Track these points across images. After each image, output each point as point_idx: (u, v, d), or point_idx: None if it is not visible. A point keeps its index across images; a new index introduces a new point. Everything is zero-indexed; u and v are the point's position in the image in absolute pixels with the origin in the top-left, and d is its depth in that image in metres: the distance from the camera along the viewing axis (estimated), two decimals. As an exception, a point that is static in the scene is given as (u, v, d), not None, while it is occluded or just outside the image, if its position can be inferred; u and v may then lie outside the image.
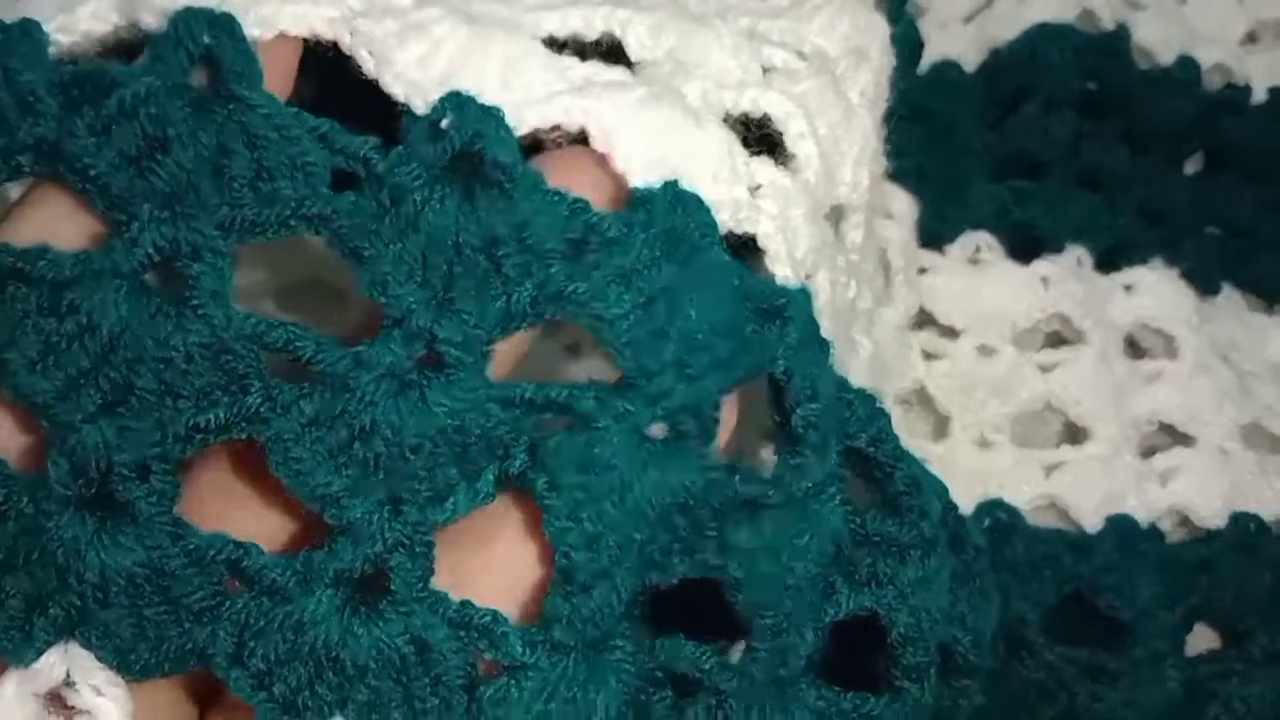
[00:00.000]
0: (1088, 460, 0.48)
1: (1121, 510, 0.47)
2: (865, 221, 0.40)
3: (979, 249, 0.52)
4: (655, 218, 0.31)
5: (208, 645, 0.28)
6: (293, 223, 0.30)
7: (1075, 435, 0.49)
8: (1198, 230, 0.54)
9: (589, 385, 0.30)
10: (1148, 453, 0.49)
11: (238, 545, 0.28)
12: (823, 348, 0.33)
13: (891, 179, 0.47)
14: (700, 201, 0.32)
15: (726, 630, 0.32)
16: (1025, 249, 0.52)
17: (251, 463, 0.29)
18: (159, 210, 0.29)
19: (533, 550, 0.30)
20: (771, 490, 0.31)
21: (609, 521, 0.29)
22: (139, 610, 0.28)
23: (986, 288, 0.51)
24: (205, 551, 0.28)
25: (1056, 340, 0.51)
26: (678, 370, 0.30)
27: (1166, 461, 0.48)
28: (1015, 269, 0.52)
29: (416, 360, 0.29)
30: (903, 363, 0.50)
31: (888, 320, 0.48)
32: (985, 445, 0.49)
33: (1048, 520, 0.47)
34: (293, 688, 0.28)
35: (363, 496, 0.29)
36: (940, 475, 0.36)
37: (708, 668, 0.31)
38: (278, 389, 0.29)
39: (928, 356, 0.51)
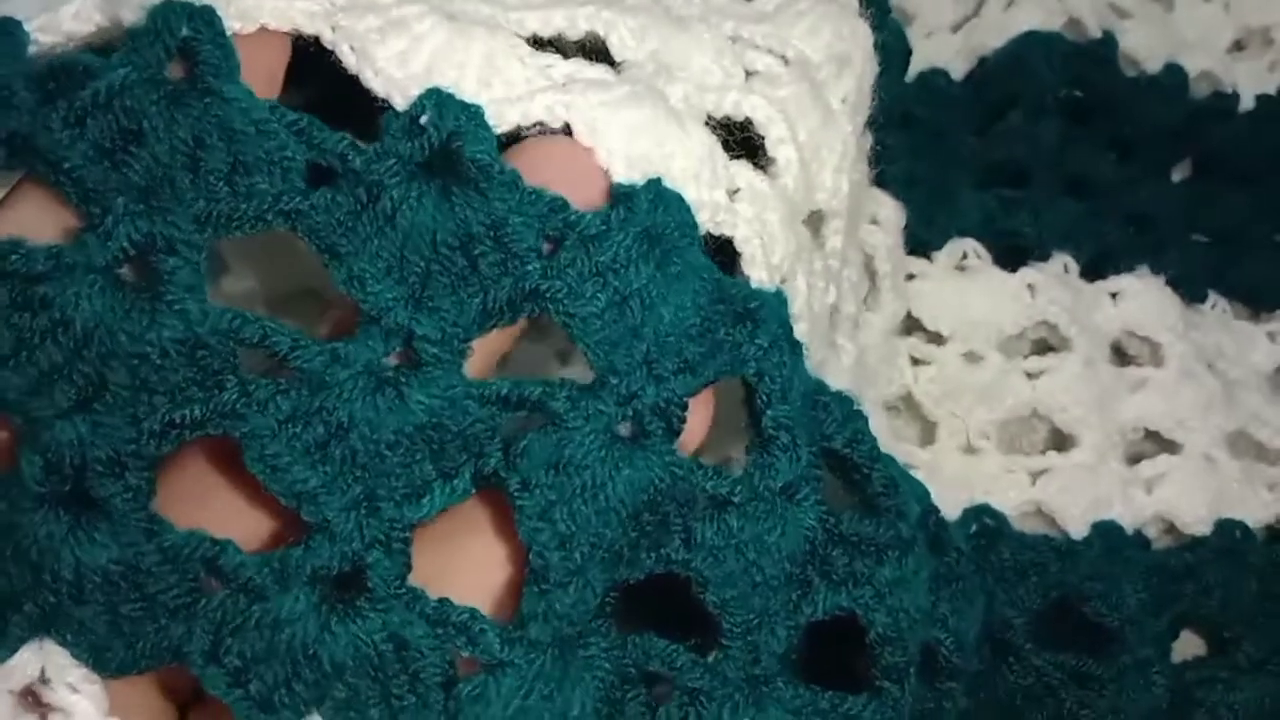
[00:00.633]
0: (1074, 467, 0.48)
1: (1107, 516, 0.47)
2: (846, 227, 0.40)
3: (966, 256, 0.52)
4: (636, 215, 0.31)
5: (183, 643, 0.28)
6: (269, 218, 0.30)
7: (1061, 442, 0.49)
8: (1184, 238, 0.54)
9: (562, 383, 0.30)
10: (1134, 459, 0.49)
11: (214, 543, 0.28)
12: (795, 350, 0.33)
13: (878, 185, 0.48)
14: (682, 201, 0.32)
15: (705, 631, 0.32)
16: (1012, 256, 0.52)
17: (229, 459, 0.29)
18: (133, 204, 0.29)
19: (505, 549, 0.30)
20: (738, 488, 0.31)
21: (581, 520, 0.30)
22: (114, 607, 0.28)
23: (973, 294, 0.51)
24: (181, 549, 0.28)
25: (1043, 347, 0.51)
26: (648, 370, 0.31)
27: (1152, 468, 0.48)
28: (1002, 276, 0.52)
29: (394, 357, 0.29)
30: (889, 368, 0.50)
31: (874, 326, 0.48)
32: (972, 451, 0.49)
33: (1034, 526, 0.47)
34: (269, 685, 0.28)
35: (339, 494, 0.29)
36: (926, 481, 0.37)
37: (680, 665, 0.31)
38: (253, 384, 0.29)
39: (915, 362, 0.51)
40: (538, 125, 0.32)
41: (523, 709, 0.29)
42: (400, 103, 0.32)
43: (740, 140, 0.36)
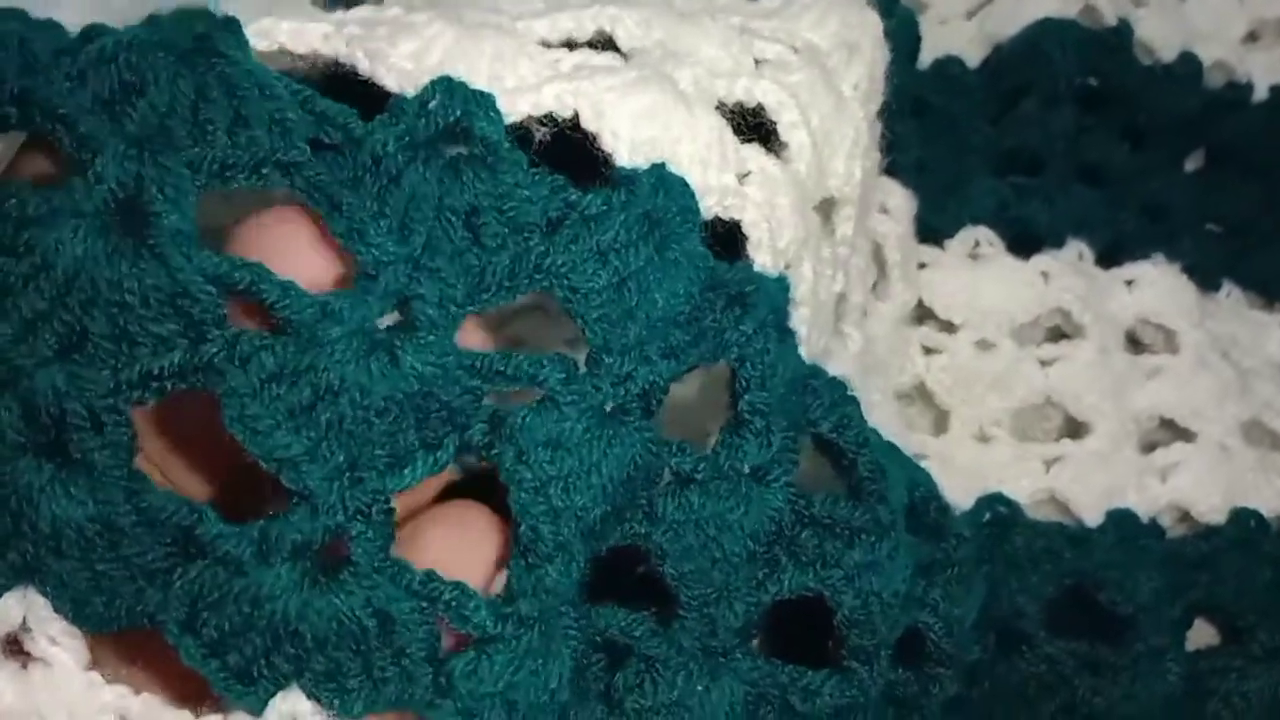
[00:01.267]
0: (1088, 455, 0.48)
1: (1122, 504, 0.47)
2: (857, 215, 0.40)
3: (978, 244, 0.52)
4: (637, 198, 0.32)
5: (158, 610, 0.27)
6: (264, 170, 0.29)
7: (1075, 430, 0.49)
8: (1198, 227, 0.54)
9: (552, 359, 0.30)
10: (1148, 448, 0.49)
11: (192, 509, 0.28)
12: (783, 337, 0.33)
13: (889, 174, 0.48)
14: (685, 186, 0.32)
15: (665, 603, 0.32)
16: (1025, 244, 0.52)
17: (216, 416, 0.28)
18: (126, 148, 0.28)
19: (480, 524, 0.30)
20: (702, 465, 0.32)
21: (575, 496, 0.30)
22: (91, 564, 0.28)
23: (985, 282, 0.51)
24: (158, 513, 0.28)
25: (1057, 335, 0.51)
26: (639, 352, 0.31)
27: (1167, 457, 0.48)
28: (1015, 264, 0.51)
29: (389, 318, 0.29)
30: (901, 357, 0.50)
31: (884, 315, 0.48)
32: (985, 440, 0.49)
33: (1048, 514, 0.47)
34: (247, 658, 0.28)
35: (322, 462, 0.28)
36: (939, 470, 0.37)
37: (638, 634, 0.31)
38: (238, 338, 0.28)
39: (927, 351, 0.51)
40: (548, 117, 0.33)
41: (512, 684, 0.29)
42: (413, 94, 0.31)
43: (752, 126, 0.36)
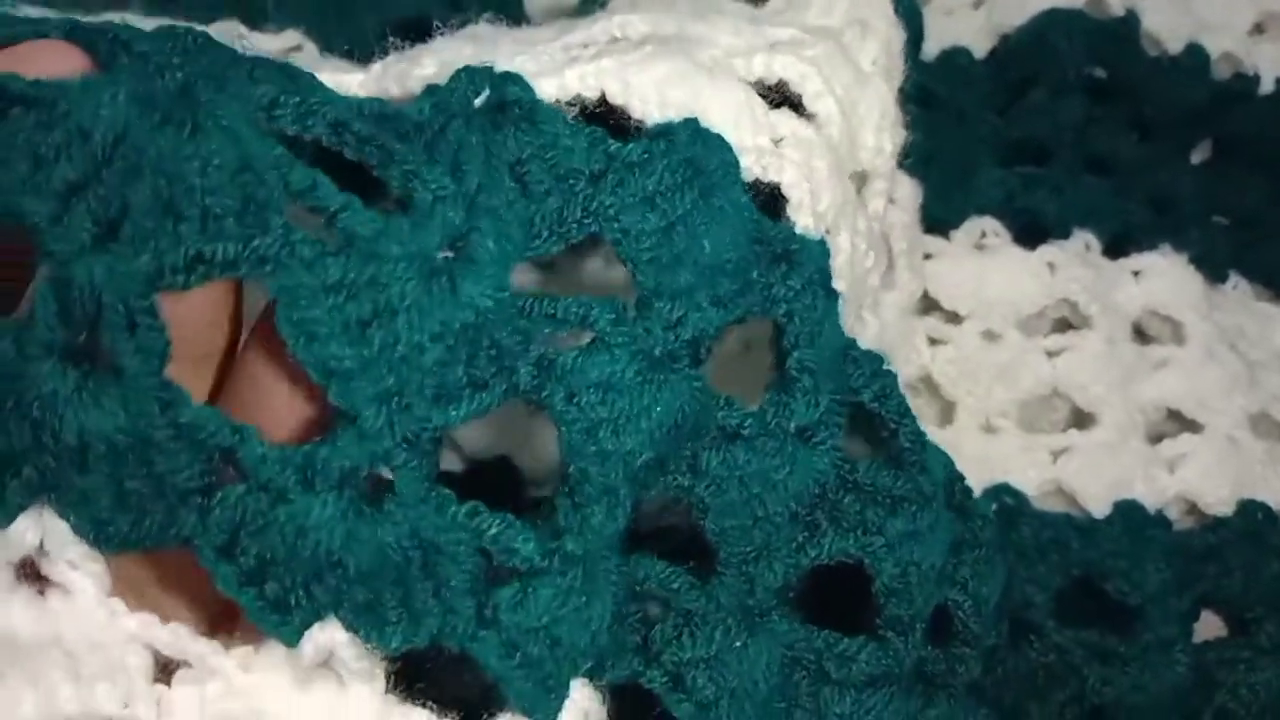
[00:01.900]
0: (1095, 446, 0.47)
1: (1129, 496, 0.46)
2: (888, 191, 0.40)
3: (985, 234, 0.52)
4: (676, 147, 0.31)
5: (194, 534, 0.26)
6: (309, 122, 0.28)
7: (1082, 421, 0.49)
8: (1205, 219, 0.54)
9: (606, 301, 0.30)
10: (1155, 439, 0.49)
11: (234, 430, 0.26)
12: (830, 298, 0.33)
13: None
14: (722, 140, 0.32)
15: (703, 558, 0.32)
16: (1032, 235, 0.52)
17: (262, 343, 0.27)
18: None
19: None
20: (749, 421, 0.31)
21: (624, 440, 0.29)
22: (119, 481, 0.26)
23: (991, 273, 0.51)
24: (197, 430, 0.26)
25: (1063, 326, 0.51)
26: (689, 298, 0.30)
27: (1174, 448, 0.48)
28: (1021, 254, 0.51)
29: (448, 249, 0.28)
30: (906, 348, 0.50)
31: (891, 305, 0.48)
32: (991, 431, 0.49)
33: (1055, 505, 0.47)
34: (286, 588, 0.26)
35: (372, 382, 0.27)
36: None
37: (676, 587, 0.31)
38: (300, 236, 0.26)
39: (932, 342, 0.50)
40: (575, 100, 0.32)
41: (556, 619, 0.28)
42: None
43: (776, 104, 0.35)
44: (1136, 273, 0.51)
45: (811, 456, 0.32)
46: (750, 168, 0.33)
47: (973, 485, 0.45)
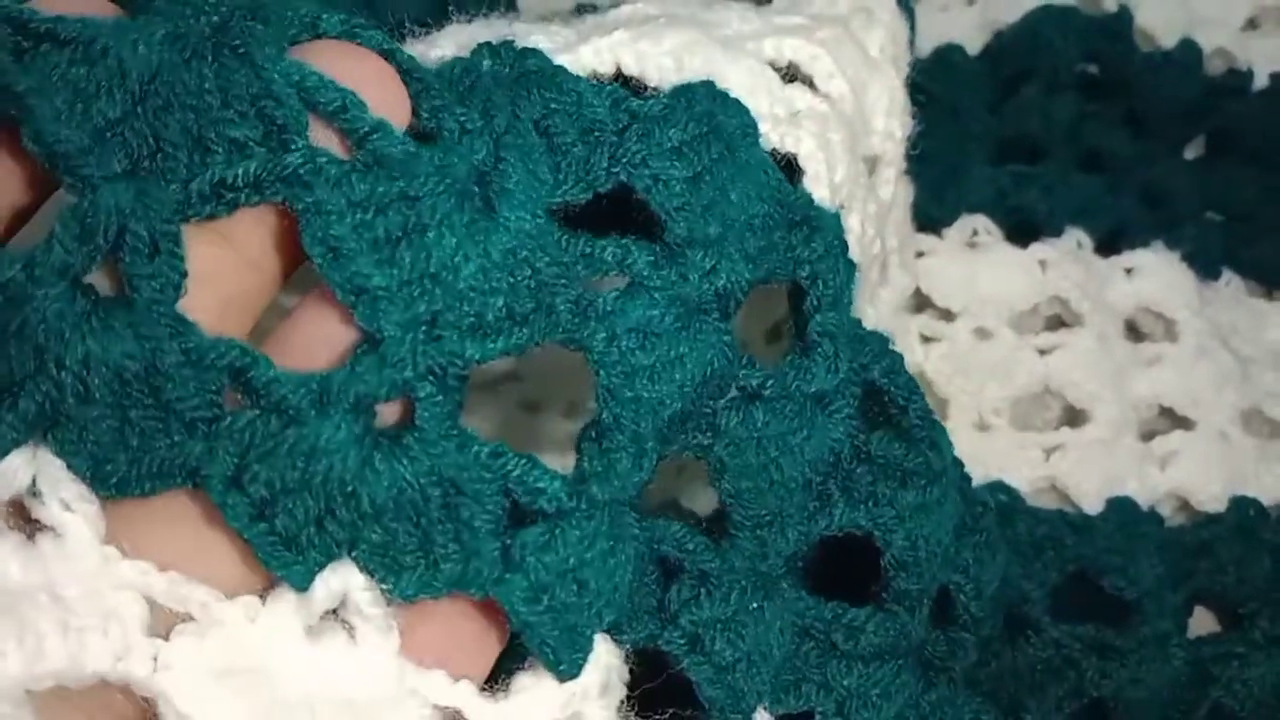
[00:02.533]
0: (1088, 442, 0.47)
1: (1122, 493, 0.46)
2: (897, 178, 0.40)
3: (976, 232, 0.52)
4: (696, 104, 0.31)
5: (202, 463, 0.25)
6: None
7: (1075, 418, 0.49)
8: (1198, 215, 0.54)
9: (644, 245, 0.29)
10: (1147, 436, 0.48)
11: (245, 352, 0.25)
12: (850, 267, 0.33)
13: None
14: (740, 105, 0.32)
15: (717, 522, 0.32)
16: (1024, 232, 0.52)
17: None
18: None
19: None
20: (770, 383, 0.31)
21: (658, 387, 0.29)
22: (123, 411, 0.25)
23: (983, 271, 0.51)
24: (207, 354, 0.25)
25: (1056, 323, 0.51)
26: (720, 248, 0.30)
27: (1166, 445, 0.48)
28: (1013, 252, 0.51)
29: (477, 183, 0.28)
30: (899, 345, 0.50)
31: (885, 301, 0.48)
32: (984, 428, 0.49)
33: (1048, 502, 0.47)
34: (298, 521, 0.25)
35: (401, 305, 0.26)
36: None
37: (691, 548, 0.31)
38: (326, 156, 0.26)
39: (925, 340, 0.50)
40: (590, 75, 0.32)
41: (583, 562, 0.28)
42: None
43: (790, 81, 0.36)
44: (1129, 270, 0.51)
45: (828, 424, 0.32)
46: (767, 135, 0.33)
47: (967, 481, 0.46)
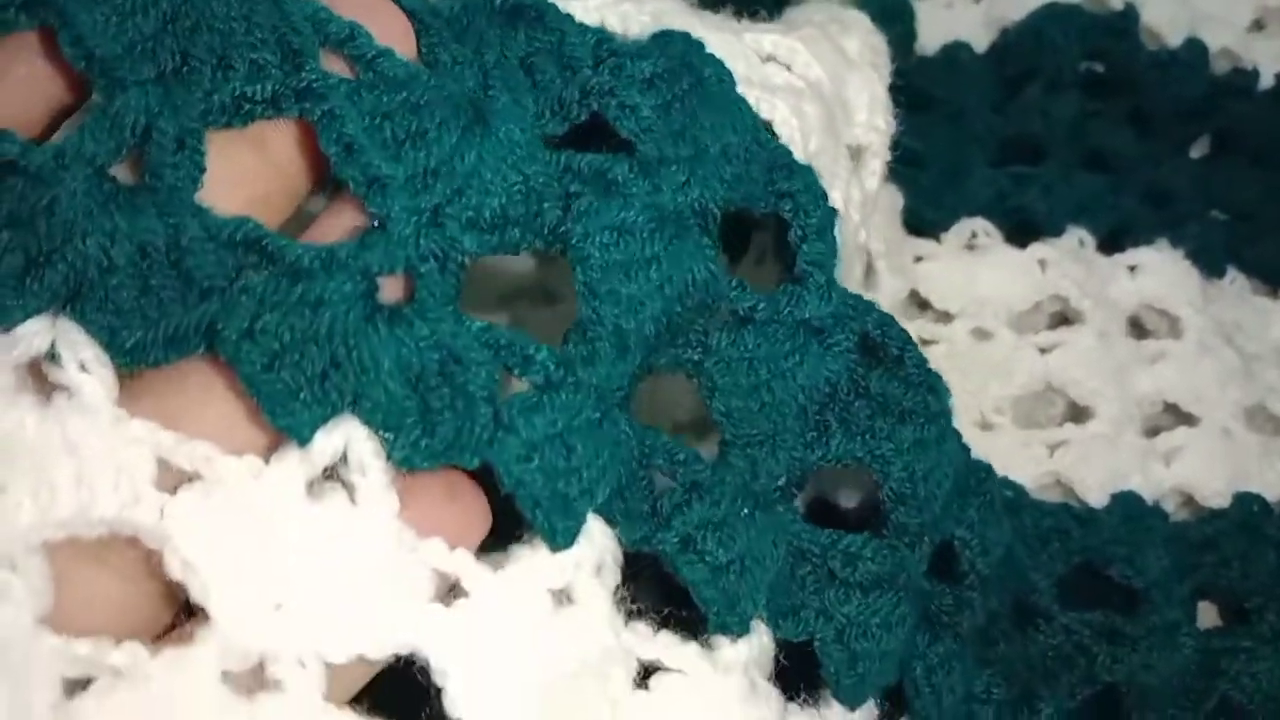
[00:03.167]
0: (1091, 438, 0.47)
1: (1126, 488, 0.46)
2: (882, 172, 0.40)
3: (975, 235, 0.52)
4: (672, 46, 0.33)
5: (217, 319, 0.27)
6: None
7: (1078, 415, 0.49)
8: (1203, 213, 0.54)
9: (625, 158, 0.31)
10: (1151, 432, 0.48)
11: (259, 228, 0.27)
12: (831, 210, 0.33)
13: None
14: (715, 57, 0.33)
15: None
16: (1024, 233, 0.51)
17: None
18: None
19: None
20: (762, 307, 0.32)
21: (634, 284, 0.30)
22: (144, 281, 0.27)
23: (981, 272, 0.51)
24: (225, 228, 0.27)
25: (1058, 321, 0.50)
26: (691, 167, 0.31)
27: (1170, 441, 0.48)
28: (1012, 253, 0.51)
29: (471, 101, 0.30)
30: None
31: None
32: (987, 427, 0.49)
33: (1053, 499, 0.46)
34: (305, 375, 0.27)
35: (410, 193, 0.28)
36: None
37: (682, 459, 0.31)
38: (336, 77, 0.29)
39: (923, 343, 0.50)
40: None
41: (569, 428, 0.29)
42: None
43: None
44: (1132, 267, 0.51)
45: (825, 356, 0.33)
46: (743, 95, 0.33)
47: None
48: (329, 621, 0.27)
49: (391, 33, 0.30)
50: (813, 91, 0.36)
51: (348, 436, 0.27)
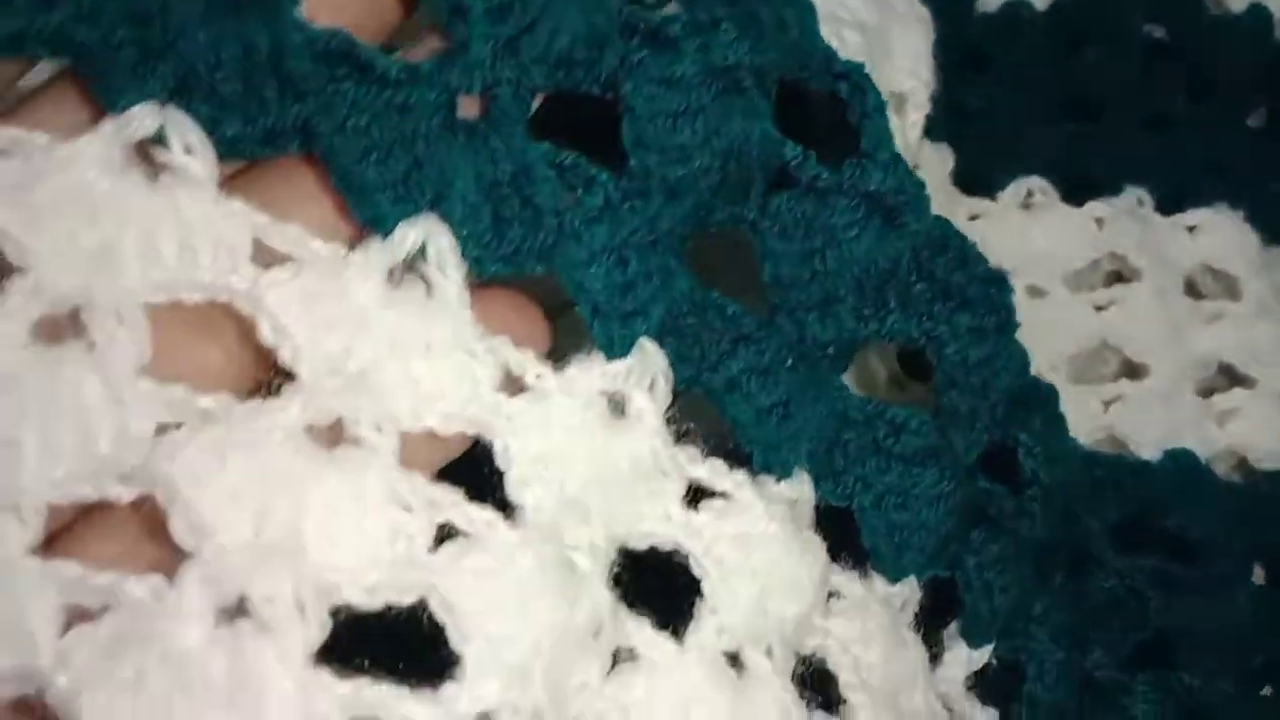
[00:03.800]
0: (1146, 394, 0.47)
1: (1181, 445, 0.46)
2: (923, 125, 0.40)
3: (1031, 194, 0.51)
4: None
5: (313, 116, 0.29)
6: None
7: (1133, 373, 0.48)
8: (1260, 182, 0.53)
9: (678, 17, 0.32)
10: (1206, 393, 0.48)
11: (352, 39, 0.29)
12: (883, 103, 0.34)
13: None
14: None
15: None
16: (1081, 193, 0.51)
17: None
18: None
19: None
20: (826, 176, 0.33)
21: (681, 135, 0.31)
22: (247, 77, 0.29)
23: (1036, 230, 0.50)
24: (321, 39, 0.29)
25: (1114, 280, 0.50)
26: (743, 28, 0.32)
27: (1226, 402, 0.48)
28: (1068, 211, 0.51)
29: None
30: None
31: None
32: (1042, 383, 0.48)
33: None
34: (391, 173, 0.29)
35: (488, 24, 0.30)
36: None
37: (731, 313, 0.32)
38: None
39: (977, 300, 0.50)
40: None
41: (625, 244, 0.31)
42: None
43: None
44: (1191, 228, 0.51)
45: (890, 233, 0.33)
46: None
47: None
48: (404, 393, 0.29)
49: None
50: (854, 20, 0.37)
51: (427, 232, 0.29)
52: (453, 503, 0.28)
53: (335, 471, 0.27)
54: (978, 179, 0.51)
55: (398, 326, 0.29)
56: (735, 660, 0.30)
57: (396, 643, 0.27)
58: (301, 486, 0.27)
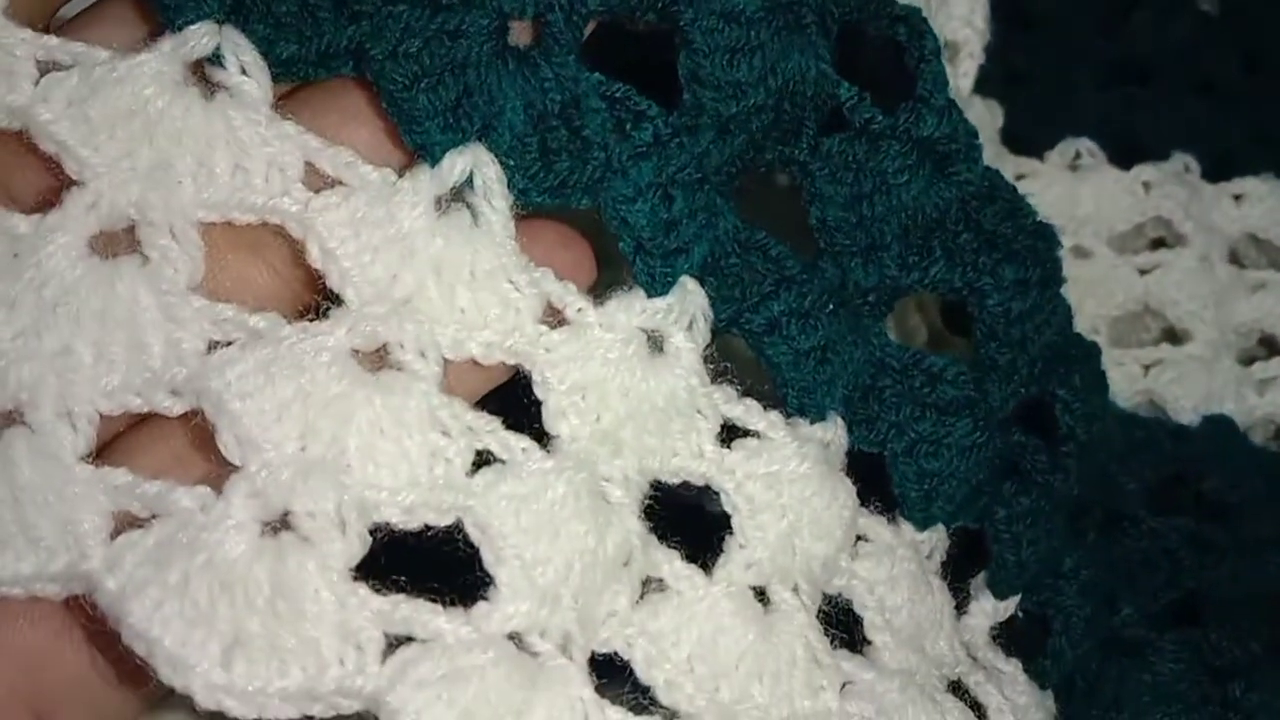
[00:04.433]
0: (1186, 359, 0.47)
1: (1219, 411, 0.46)
2: (975, 74, 0.40)
3: (1079, 155, 0.51)
4: None
5: (366, 39, 0.29)
6: None
7: (1174, 338, 0.48)
8: (1309, 154, 0.53)
9: None
10: (1246, 361, 0.48)
11: None
12: (939, 46, 0.34)
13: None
14: None
15: None
16: (1128, 156, 0.51)
17: None
18: None
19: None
20: (880, 120, 0.33)
21: (738, 70, 0.31)
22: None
23: (1083, 191, 0.50)
24: None
25: (1158, 244, 0.50)
26: None
27: (1266, 371, 0.48)
28: (1115, 173, 0.51)
29: None
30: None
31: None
32: (1083, 344, 0.48)
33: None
34: (441, 100, 0.29)
35: None
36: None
37: (775, 254, 0.32)
38: None
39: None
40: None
41: (671, 181, 0.31)
42: None
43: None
44: (1238, 196, 0.50)
45: (940, 182, 0.33)
46: None
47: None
48: (448, 320, 0.29)
49: None
50: None
51: (475, 161, 0.29)
52: (490, 429, 0.29)
53: (379, 394, 0.28)
54: (1025, 138, 0.51)
55: (443, 255, 0.29)
56: (762, 595, 0.30)
57: (432, 564, 0.28)
58: (346, 407, 0.27)
